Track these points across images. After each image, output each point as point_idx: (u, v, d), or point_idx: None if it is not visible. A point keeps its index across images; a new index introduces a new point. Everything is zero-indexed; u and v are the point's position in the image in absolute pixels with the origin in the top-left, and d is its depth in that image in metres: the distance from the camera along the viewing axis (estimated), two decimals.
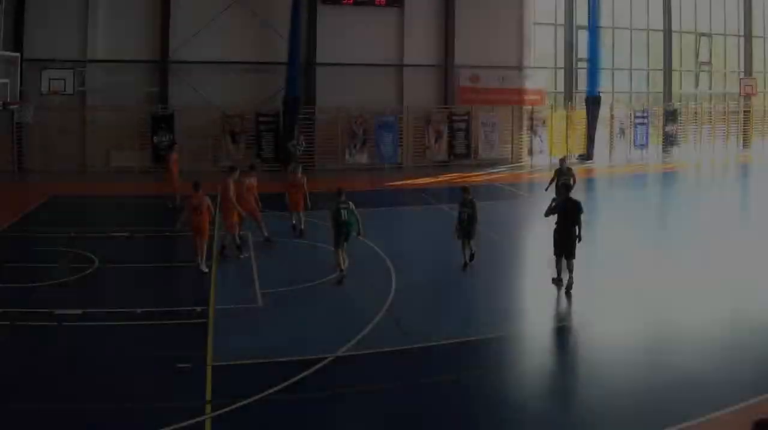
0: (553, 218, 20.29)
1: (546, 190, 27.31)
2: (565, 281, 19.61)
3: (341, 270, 20.68)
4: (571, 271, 19.55)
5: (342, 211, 20.79)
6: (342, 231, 20.71)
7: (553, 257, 20.03)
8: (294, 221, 26.58)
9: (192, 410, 12.48)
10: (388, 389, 13.69)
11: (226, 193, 23.06)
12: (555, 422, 12.58)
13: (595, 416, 12.73)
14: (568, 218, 19.71)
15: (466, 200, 21.69)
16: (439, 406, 13.05)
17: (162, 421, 11.97)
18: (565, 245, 19.69)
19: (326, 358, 14.79)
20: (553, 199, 21.11)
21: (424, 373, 14.47)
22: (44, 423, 12.24)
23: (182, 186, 28.43)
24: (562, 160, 28.65)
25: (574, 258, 19.61)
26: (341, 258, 20.79)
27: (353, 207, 21.00)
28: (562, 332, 17.45)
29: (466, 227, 21.67)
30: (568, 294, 19.35)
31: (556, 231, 19.94)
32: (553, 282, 20.02)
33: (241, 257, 23.24)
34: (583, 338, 16.90)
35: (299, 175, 26.33)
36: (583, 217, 19.84)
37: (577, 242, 19.59)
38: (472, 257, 21.92)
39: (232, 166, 25.00)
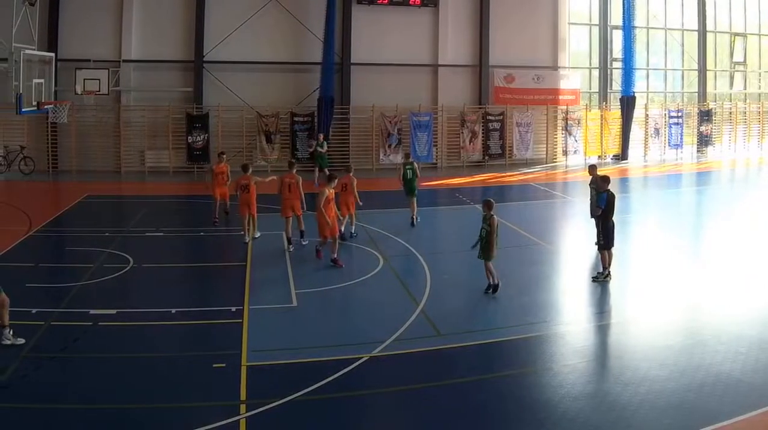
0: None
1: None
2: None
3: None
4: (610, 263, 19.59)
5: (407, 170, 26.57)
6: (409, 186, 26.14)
7: (599, 252, 19.97)
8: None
9: (227, 409, 12.23)
10: (422, 390, 13.34)
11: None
12: (591, 422, 12.02)
13: (631, 415, 12.19)
14: (613, 209, 19.52)
15: (485, 216, 18.46)
16: (474, 407, 12.60)
17: (197, 420, 11.74)
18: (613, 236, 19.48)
19: (361, 358, 14.44)
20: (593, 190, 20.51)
21: (459, 373, 14.11)
22: (80, 423, 11.96)
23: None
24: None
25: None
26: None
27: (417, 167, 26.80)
28: (600, 331, 16.82)
29: (483, 247, 18.38)
30: (605, 288, 19.30)
31: (609, 226, 19.58)
32: (599, 278, 19.75)
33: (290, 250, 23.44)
34: (621, 336, 16.51)
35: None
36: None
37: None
38: (495, 288, 18.57)
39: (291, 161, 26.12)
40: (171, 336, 16.11)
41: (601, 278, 19.65)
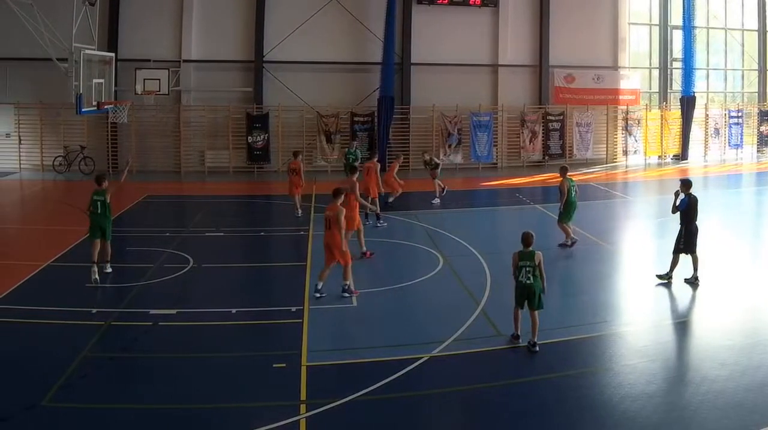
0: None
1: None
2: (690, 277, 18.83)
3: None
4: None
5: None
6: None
7: (673, 255, 18.92)
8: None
9: (287, 410, 11.91)
10: (482, 390, 12.94)
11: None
12: (651, 421, 11.53)
13: (691, 415, 11.73)
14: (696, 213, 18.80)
15: (524, 253, 14.41)
16: (534, 407, 12.20)
17: (257, 421, 11.46)
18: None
19: (421, 358, 13.97)
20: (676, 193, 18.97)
21: (519, 374, 13.68)
22: (139, 423, 11.63)
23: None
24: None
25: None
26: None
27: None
28: (659, 330, 15.95)
29: (526, 291, 14.36)
30: (665, 288, 18.69)
31: (692, 230, 18.82)
32: (664, 278, 18.96)
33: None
34: (681, 336, 15.98)
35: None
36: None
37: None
38: (534, 346, 14.34)
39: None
40: (231, 336, 15.81)
41: (665, 278, 18.91)
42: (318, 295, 17.50)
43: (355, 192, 21.25)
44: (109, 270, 19.75)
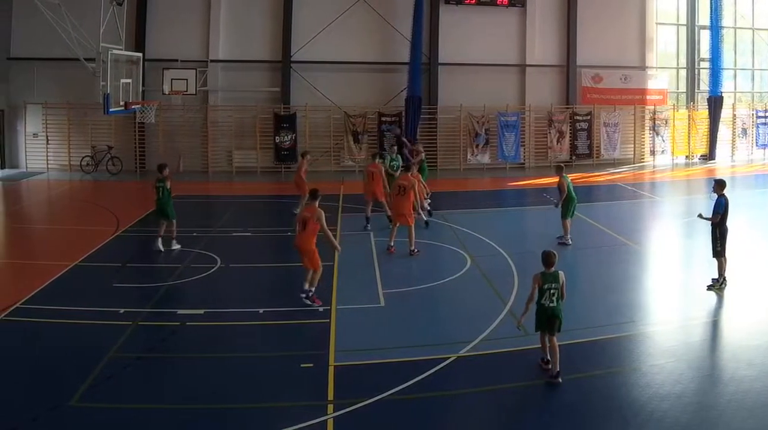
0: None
1: None
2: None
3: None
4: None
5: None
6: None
7: (717, 260, 18.35)
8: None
9: (314, 409, 11.86)
10: (510, 390, 12.85)
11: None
12: (678, 421, 11.41)
13: (718, 415, 11.62)
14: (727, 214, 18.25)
15: (548, 274, 13.03)
16: (561, 407, 12.12)
17: (285, 420, 11.39)
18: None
19: (448, 358, 13.84)
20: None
21: (546, 373, 13.21)
22: (167, 423, 11.57)
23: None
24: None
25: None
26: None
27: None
28: (687, 330, 15.74)
29: (549, 315, 13.02)
30: (693, 288, 18.43)
31: (724, 231, 18.25)
32: (714, 286, 18.22)
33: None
34: (709, 336, 15.78)
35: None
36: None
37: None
38: (557, 376, 12.85)
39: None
40: (258, 336, 15.68)
41: (716, 286, 18.20)
42: (304, 295, 17.17)
43: (414, 190, 21.90)
44: (176, 247, 21.96)
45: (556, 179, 23.36)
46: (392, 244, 21.92)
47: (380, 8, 40.50)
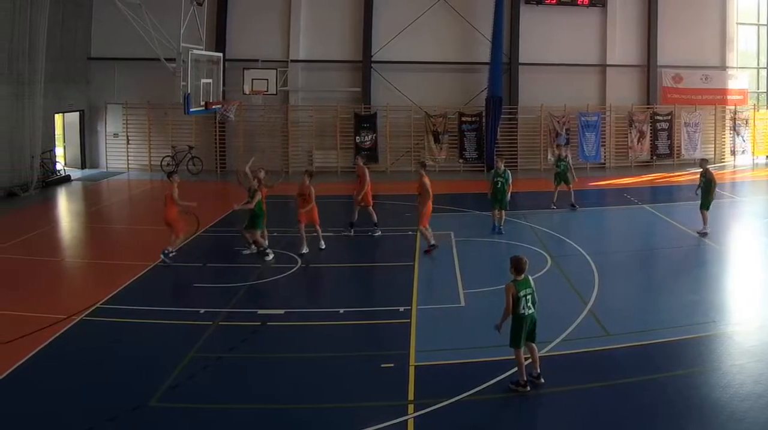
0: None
1: None
2: None
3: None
4: None
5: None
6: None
7: None
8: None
9: (395, 410, 11.76)
10: (590, 390, 12.60)
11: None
12: (758, 422, 11.15)
13: None
14: None
15: (520, 282, 12.38)
16: (641, 407, 11.86)
17: (365, 420, 11.31)
18: None
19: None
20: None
21: (626, 374, 13.13)
22: (247, 423, 11.54)
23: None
24: None
25: None
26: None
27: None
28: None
29: (527, 323, 12.32)
30: None
31: None
32: None
33: None
34: None
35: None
36: None
37: None
38: (539, 377, 12.67)
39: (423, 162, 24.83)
40: (339, 336, 15.58)
41: None
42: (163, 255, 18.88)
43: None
44: (247, 252, 21.50)
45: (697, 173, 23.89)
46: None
47: (460, 8, 39.70)
